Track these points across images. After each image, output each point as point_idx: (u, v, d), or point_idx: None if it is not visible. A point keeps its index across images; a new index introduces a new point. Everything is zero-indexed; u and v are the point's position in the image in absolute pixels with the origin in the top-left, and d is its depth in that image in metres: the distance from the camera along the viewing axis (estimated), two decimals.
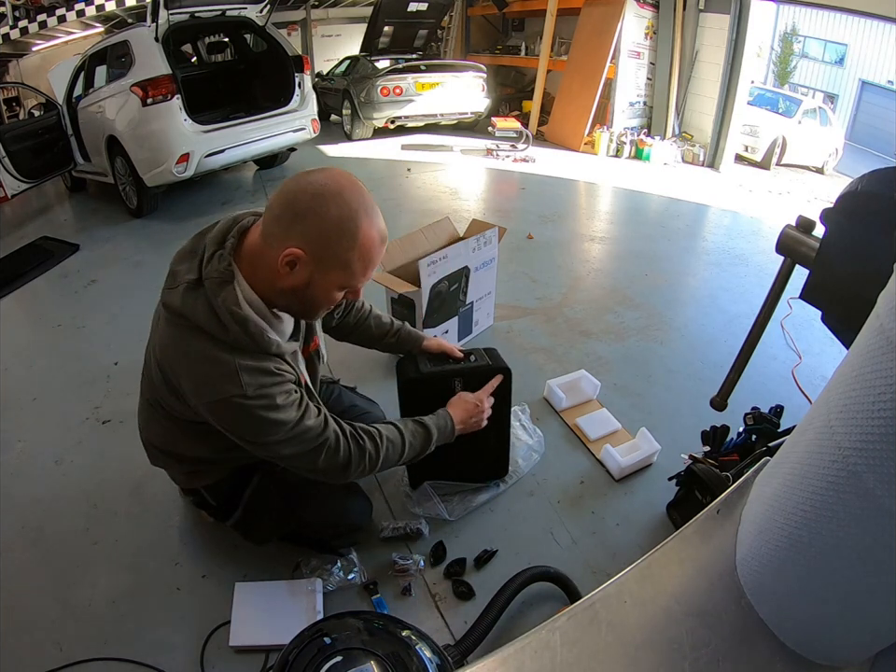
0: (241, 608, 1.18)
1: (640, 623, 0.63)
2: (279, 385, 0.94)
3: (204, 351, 0.89)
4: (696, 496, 1.30)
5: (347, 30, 9.32)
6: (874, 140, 11.07)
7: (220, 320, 0.88)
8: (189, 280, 0.91)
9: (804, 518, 0.53)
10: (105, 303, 2.64)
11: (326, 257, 0.87)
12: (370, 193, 0.91)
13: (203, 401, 0.92)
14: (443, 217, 2.21)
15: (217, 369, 0.89)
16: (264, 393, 0.91)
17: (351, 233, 0.87)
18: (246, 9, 4.06)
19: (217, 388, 0.90)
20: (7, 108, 6.30)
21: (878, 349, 0.44)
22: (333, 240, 0.86)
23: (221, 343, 0.89)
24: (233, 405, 0.90)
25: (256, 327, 0.90)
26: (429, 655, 0.86)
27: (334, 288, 0.92)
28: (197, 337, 0.90)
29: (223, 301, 0.88)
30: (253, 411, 0.91)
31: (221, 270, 0.90)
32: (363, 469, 1.06)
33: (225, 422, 0.94)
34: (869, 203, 0.80)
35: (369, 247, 0.89)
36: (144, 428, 1.20)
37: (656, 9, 5.39)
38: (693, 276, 2.96)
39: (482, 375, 1.32)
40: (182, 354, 0.92)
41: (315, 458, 1.00)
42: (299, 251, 0.86)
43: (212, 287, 0.89)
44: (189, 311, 0.89)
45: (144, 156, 3.51)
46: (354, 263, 0.89)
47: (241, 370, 0.89)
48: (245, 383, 0.89)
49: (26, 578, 1.30)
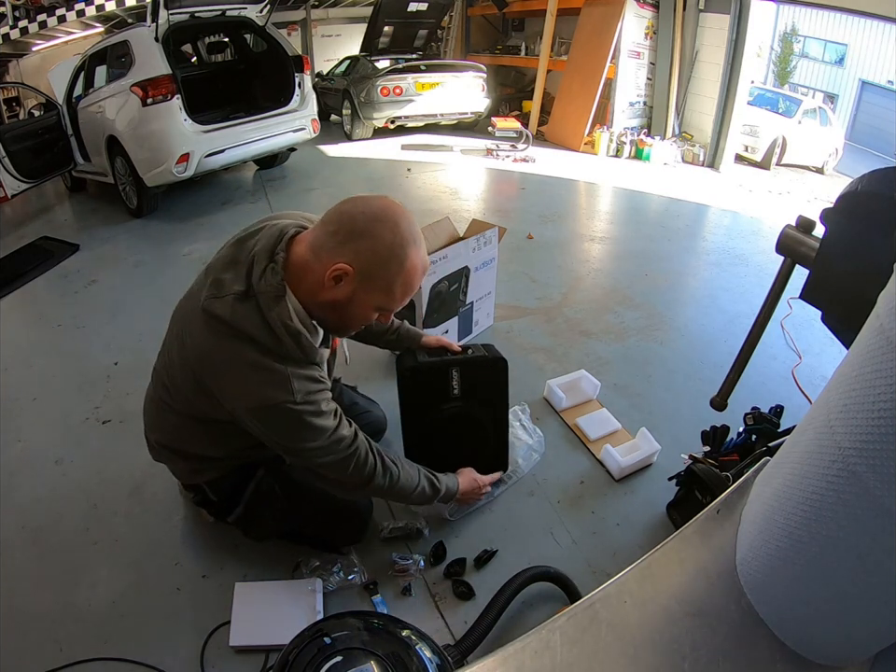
0: (241, 608, 1.18)
1: (640, 623, 0.63)
2: (322, 392, 1.00)
3: (255, 360, 0.93)
4: (696, 496, 1.30)
5: (347, 30, 9.32)
6: (874, 140, 11.07)
7: (274, 333, 0.92)
8: (238, 291, 0.93)
9: (804, 518, 0.53)
10: (105, 303, 2.64)
11: (372, 277, 0.93)
12: (417, 225, 0.96)
13: (250, 406, 0.95)
14: (443, 216, 2.21)
15: (269, 377, 0.93)
16: (311, 399, 0.96)
17: (399, 259, 0.92)
18: (246, 9, 4.06)
19: (269, 394, 0.93)
20: (7, 108, 6.29)
21: (878, 349, 0.44)
22: (383, 263, 0.92)
23: (273, 354, 0.93)
24: (283, 410, 0.94)
25: (307, 340, 0.95)
26: (429, 655, 0.86)
27: (372, 308, 0.97)
28: (247, 346, 0.93)
29: (278, 315, 0.92)
30: (301, 416, 0.95)
31: (275, 284, 0.92)
32: (381, 486, 1.11)
33: (269, 426, 0.98)
34: (869, 202, 0.80)
35: (412, 275, 0.95)
36: (151, 425, 1.21)
37: (656, 9, 5.39)
38: (693, 276, 2.97)
39: (479, 366, 1.35)
40: (230, 363, 0.94)
41: (346, 466, 1.05)
42: (348, 267, 0.91)
43: (266, 301, 0.92)
44: (241, 322, 0.92)
45: (144, 156, 3.51)
46: (396, 288, 0.95)
47: (293, 377, 0.94)
48: (296, 390, 0.94)
49: (26, 578, 1.29)
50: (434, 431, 1.39)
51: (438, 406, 1.36)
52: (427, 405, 1.36)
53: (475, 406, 1.38)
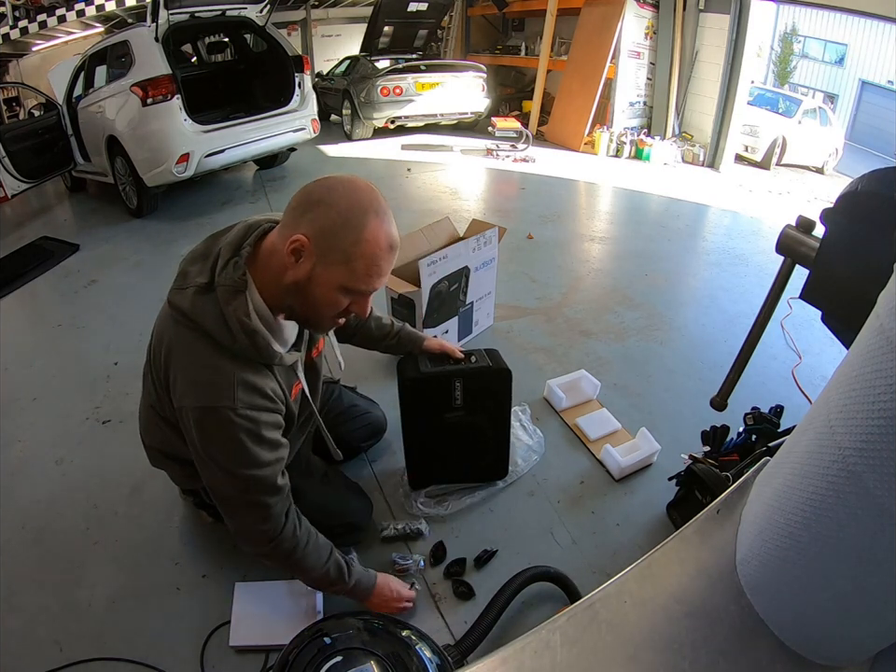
0: (241, 608, 1.18)
1: (640, 622, 0.63)
2: (269, 413, 0.93)
3: (206, 356, 0.89)
4: (696, 496, 1.30)
5: (347, 30, 9.32)
6: (874, 140, 11.07)
7: (229, 329, 0.88)
8: (200, 283, 0.90)
9: (804, 518, 0.53)
10: (105, 303, 2.64)
11: (329, 249, 0.85)
12: (385, 201, 0.90)
13: (187, 403, 0.91)
14: (443, 216, 2.21)
15: (214, 376, 0.89)
16: (252, 415, 0.90)
17: (356, 227, 0.85)
18: (246, 9, 4.06)
19: (209, 395, 0.89)
20: (7, 108, 6.30)
21: (878, 349, 0.44)
22: (338, 231, 0.84)
23: (226, 351, 0.89)
24: (217, 416, 0.88)
25: (264, 340, 0.90)
26: (429, 655, 0.87)
27: (335, 288, 0.89)
28: (201, 341, 0.89)
29: (234, 310, 0.88)
30: (233, 429, 0.89)
31: (235, 278, 0.89)
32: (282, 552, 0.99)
33: (198, 429, 0.91)
34: (869, 202, 0.80)
35: (374, 248, 0.86)
36: (145, 431, 1.20)
37: (656, 9, 5.39)
38: (693, 276, 2.97)
39: (482, 376, 1.32)
40: (183, 354, 0.92)
41: (252, 515, 0.95)
42: (304, 238, 0.84)
43: (224, 294, 0.88)
44: (199, 315, 0.89)
45: (144, 156, 3.51)
46: (356, 261, 0.86)
47: (238, 383, 0.89)
48: (238, 398, 0.88)
49: (26, 578, 1.29)
50: (435, 437, 1.38)
51: (439, 415, 1.35)
52: (429, 414, 1.35)
53: (477, 415, 1.37)
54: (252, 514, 0.96)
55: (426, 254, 1.85)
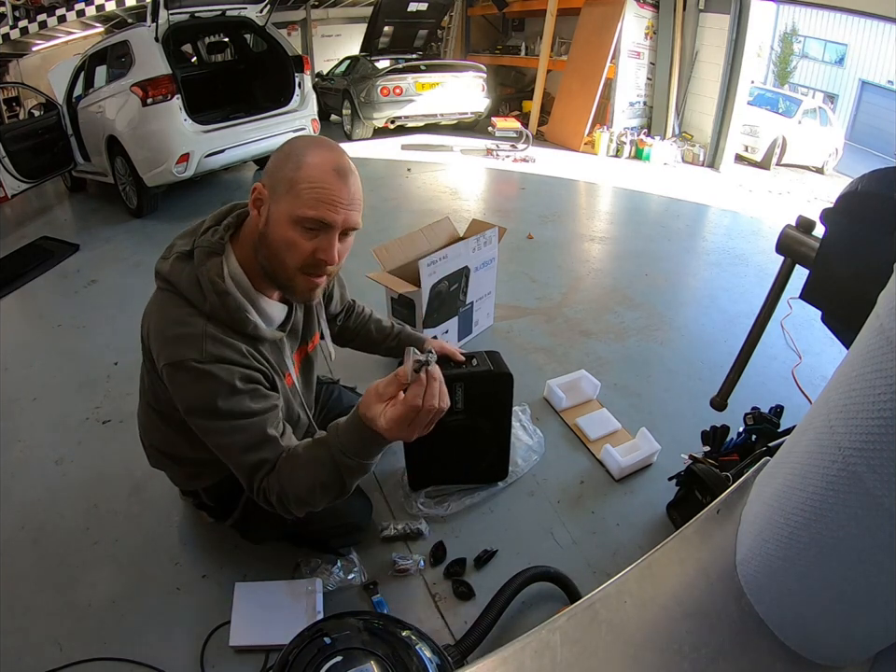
0: (241, 608, 1.18)
1: (640, 622, 0.63)
2: (243, 367, 0.90)
3: (178, 314, 0.90)
4: (696, 496, 1.30)
5: (347, 30, 9.32)
6: (874, 140, 11.06)
7: (201, 288, 0.90)
8: (183, 251, 0.94)
9: (804, 518, 0.53)
10: (105, 303, 2.64)
11: (276, 183, 0.88)
12: (343, 151, 0.91)
13: (165, 362, 0.89)
14: (443, 216, 2.21)
15: (183, 329, 0.89)
16: (222, 369, 0.87)
17: (297, 157, 0.87)
18: (246, 9, 4.06)
19: (178, 349, 0.87)
20: (7, 108, 6.29)
21: (878, 349, 0.44)
22: (281, 164, 0.88)
23: (196, 310, 0.90)
24: (186, 369, 0.86)
25: (235, 302, 0.91)
26: (429, 655, 0.87)
27: (287, 222, 0.87)
28: (176, 301, 0.92)
29: (207, 270, 0.90)
30: (204, 381, 0.86)
31: (213, 242, 0.93)
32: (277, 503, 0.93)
33: (175, 388, 0.90)
34: (869, 202, 0.80)
35: (316, 170, 0.85)
36: (144, 431, 1.20)
37: (656, 9, 5.39)
38: (693, 276, 2.97)
39: (483, 380, 1.31)
40: (158, 315, 0.94)
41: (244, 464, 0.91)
42: (260, 185, 0.90)
43: (199, 255, 0.92)
44: (175, 277, 0.92)
45: (144, 156, 3.51)
46: (299, 185, 0.85)
47: (206, 336, 0.88)
48: (206, 350, 0.87)
49: (26, 578, 1.29)
50: (435, 441, 1.38)
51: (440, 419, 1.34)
52: None
53: (478, 419, 1.36)
54: (249, 465, 0.90)
55: (426, 254, 1.85)
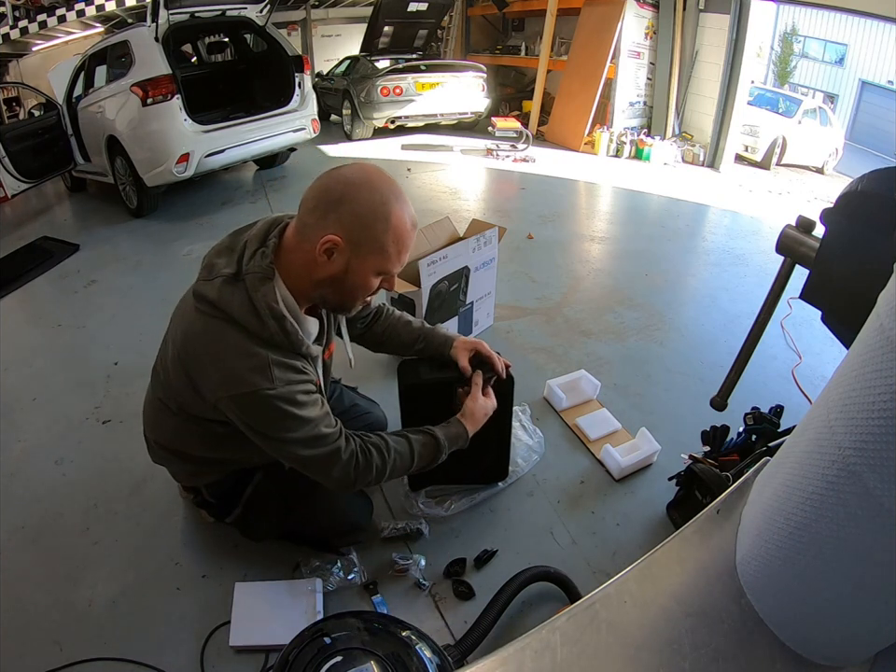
0: (241, 608, 1.18)
1: (640, 623, 0.63)
2: (304, 383, 0.96)
3: (238, 344, 0.91)
4: (696, 496, 1.30)
5: (347, 30, 9.32)
6: (874, 140, 11.06)
7: (259, 315, 0.91)
8: (228, 274, 0.93)
9: (804, 518, 0.53)
10: (105, 303, 2.64)
11: (362, 241, 0.91)
12: (397, 183, 0.95)
13: (229, 393, 0.92)
14: (443, 216, 2.21)
15: (248, 361, 0.91)
16: (290, 390, 0.93)
17: (384, 216, 0.90)
18: (246, 9, 4.06)
19: (247, 380, 0.91)
20: (7, 108, 6.29)
21: (878, 349, 0.44)
22: (368, 224, 0.90)
23: (255, 338, 0.91)
24: (260, 397, 0.91)
25: (292, 326, 0.93)
26: (429, 655, 0.87)
27: (371, 274, 0.95)
28: (231, 329, 0.92)
29: (263, 296, 0.91)
30: (278, 404, 0.92)
31: (264, 266, 0.92)
32: (370, 481, 1.07)
33: (247, 415, 0.95)
34: (869, 202, 0.80)
35: (401, 230, 0.93)
36: (150, 426, 1.20)
37: (656, 9, 5.39)
38: (693, 276, 2.96)
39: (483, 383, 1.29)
40: (212, 344, 0.93)
41: (329, 464, 1.01)
42: (336, 237, 0.89)
43: (252, 282, 0.91)
44: (226, 303, 0.91)
45: (144, 156, 3.51)
46: (389, 246, 0.93)
47: (272, 364, 0.91)
48: (276, 377, 0.91)
49: (26, 577, 1.29)
50: None
51: (440, 422, 1.34)
52: (429, 419, 1.33)
53: None
54: (334, 459, 1.01)
55: (426, 254, 1.85)
